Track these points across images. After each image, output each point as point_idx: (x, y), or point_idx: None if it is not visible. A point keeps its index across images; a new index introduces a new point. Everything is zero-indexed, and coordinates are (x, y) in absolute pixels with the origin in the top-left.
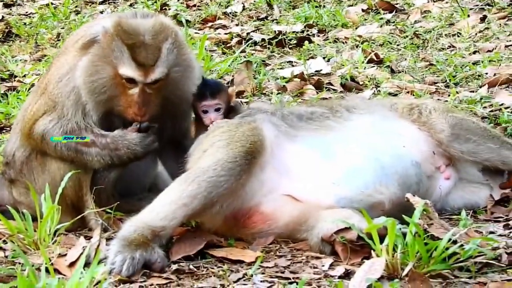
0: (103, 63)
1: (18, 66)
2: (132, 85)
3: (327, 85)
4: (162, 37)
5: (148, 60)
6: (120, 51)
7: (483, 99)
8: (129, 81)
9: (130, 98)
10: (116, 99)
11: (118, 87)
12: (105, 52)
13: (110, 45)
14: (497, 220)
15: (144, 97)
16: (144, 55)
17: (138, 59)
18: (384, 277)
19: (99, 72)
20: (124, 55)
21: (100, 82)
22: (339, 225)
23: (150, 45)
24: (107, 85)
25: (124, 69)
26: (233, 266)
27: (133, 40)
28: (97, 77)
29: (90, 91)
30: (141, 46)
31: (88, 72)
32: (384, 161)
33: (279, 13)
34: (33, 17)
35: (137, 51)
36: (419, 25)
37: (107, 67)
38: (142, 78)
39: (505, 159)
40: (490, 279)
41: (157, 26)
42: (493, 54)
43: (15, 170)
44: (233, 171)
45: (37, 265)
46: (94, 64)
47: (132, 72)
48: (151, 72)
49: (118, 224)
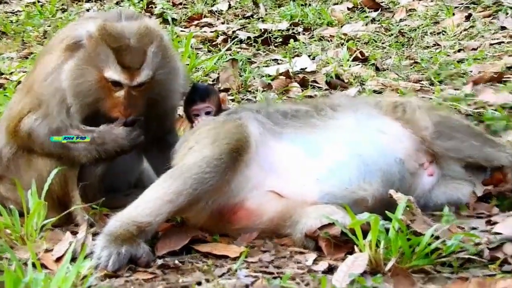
0: (89, 66)
1: (5, 64)
2: (118, 88)
3: (312, 83)
4: (147, 40)
5: (133, 63)
6: (105, 55)
7: (467, 96)
8: (115, 84)
9: (116, 100)
10: (102, 101)
11: (104, 90)
12: (91, 56)
13: (95, 49)
14: (480, 216)
15: (130, 99)
16: (130, 59)
17: (123, 62)
18: (367, 272)
19: (85, 75)
20: (109, 59)
21: (85, 85)
22: (322, 221)
23: (135, 49)
24: (92, 88)
25: (109, 73)
26: (217, 261)
27: (118, 43)
28: (82, 80)
29: (75, 94)
30: (127, 49)
31: (73, 75)
32: (368, 158)
33: (264, 12)
34: (19, 15)
35: (123, 55)
36: (404, 23)
37: (93, 70)
38: (128, 81)
39: (487, 156)
40: (472, 274)
41: (142, 29)
42: (478, 52)
43: (1, 166)
44: (218, 168)
45: (24, 260)
46: (79, 68)
47: (118, 75)
48: (136, 75)
49: (104, 219)
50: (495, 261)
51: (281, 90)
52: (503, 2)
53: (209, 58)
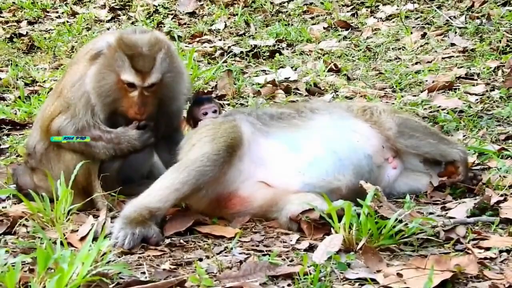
0: (108, 71)
1: (39, 74)
2: (132, 89)
3: (294, 90)
4: (156, 48)
5: (145, 67)
6: (121, 61)
7: (423, 102)
8: (130, 85)
9: (131, 100)
10: (120, 101)
11: (121, 91)
12: (110, 62)
13: (114, 56)
14: (436, 203)
15: (143, 98)
16: (142, 63)
17: (136, 66)
18: (342, 250)
19: (105, 78)
20: (125, 64)
21: (106, 87)
22: (304, 206)
23: (146, 55)
24: (111, 89)
25: (125, 75)
26: (216, 241)
27: (133, 51)
28: (103, 83)
29: (98, 94)
30: (139, 56)
31: (96, 79)
32: (341, 153)
33: (254, 30)
34: (52, 33)
35: (136, 60)
36: (371, 40)
37: (112, 74)
38: (141, 82)
39: (442, 152)
40: (430, 253)
41: (153, 40)
42: (432, 64)
43: (35, 160)
44: (217, 162)
45: (53, 239)
46: (100, 72)
47: (132, 77)
48: (148, 77)
49: (121, 205)
50: (449, 241)
51: (269, 96)
52: (452, 23)
53: (208, 69)
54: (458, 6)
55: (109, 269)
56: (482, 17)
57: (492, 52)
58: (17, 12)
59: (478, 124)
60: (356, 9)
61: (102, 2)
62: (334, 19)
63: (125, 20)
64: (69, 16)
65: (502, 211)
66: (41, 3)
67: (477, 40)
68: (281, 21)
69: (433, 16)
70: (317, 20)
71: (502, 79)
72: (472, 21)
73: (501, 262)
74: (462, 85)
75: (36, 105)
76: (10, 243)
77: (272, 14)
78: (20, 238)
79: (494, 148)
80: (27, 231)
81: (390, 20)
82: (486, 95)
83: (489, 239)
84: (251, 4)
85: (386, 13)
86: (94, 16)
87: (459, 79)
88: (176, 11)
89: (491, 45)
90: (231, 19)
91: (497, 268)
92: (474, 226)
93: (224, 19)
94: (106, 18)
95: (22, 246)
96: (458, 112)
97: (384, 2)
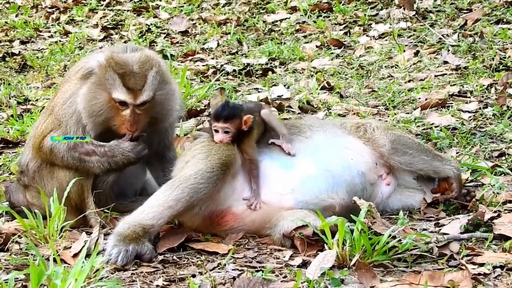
0: (100, 90)
1: (31, 92)
2: (124, 107)
3: (287, 108)
4: (147, 66)
5: (136, 85)
6: (113, 79)
7: (416, 119)
8: (122, 104)
9: (123, 118)
10: (112, 119)
11: (113, 109)
12: (101, 81)
13: (105, 75)
14: (429, 220)
15: (135, 116)
16: (133, 82)
17: (128, 85)
18: (335, 266)
19: (97, 97)
20: (116, 82)
21: (97, 106)
22: (297, 223)
23: (138, 73)
24: (103, 108)
25: (117, 94)
26: (209, 257)
27: (124, 69)
28: (95, 102)
29: (89, 114)
30: (130, 74)
31: (87, 98)
32: (335, 171)
33: (247, 49)
34: (44, 52)
35: (127, 79)
36: (363, 58)
37: (103, 93)
38: (132, 100)
39: (435, 169)
40: (423, 268)
41: (143, 58)
42: (425, 82)
43: (28, 177)
44: (210, 180)
45: (46, 256)
46: (91, 92)
47: (124, 96)
48: (139, 95)
49: (114, 222)
50: (443, 257)
51: None
52: (445, 41)
53: (201, 87)
54: (451, 24)
55: (102, 286)
56: (475, 35)
57: (485, 70)
58: (10, 31)
59: (472, 141)
60: (349, 28)
61: (94, 22)
62: (327, 37)
63: (118, 39)
64: (62, 35)
65: (496, 227)
66: (33, 22)
67: (470, 58)
68: (273, 39)
69: (426, 34)
70: (310, 39)
71: (495, 96)
72: (465, 39)
73: (495, 278)
74: (455, 103)
75: (28, 123)
76: (3, 260)
77: (264, 32)
78: (13, 255)
79: (487, 165)
80: (20, 248)
81: (383, 38)
82: (479, 113)
83: (483, 255)
84: (244, 23)
85: (379, 31)
86: (86, 35)
87: (452, 97)
88: (169, 30)
89: (484, 63)
90: (224, 38)
91: (491, 284)
92: (468, 242)
93: (216, 37)
94: (98, 37)
95: (15, 262)
96: (451, 129)
97: (376, 20)
